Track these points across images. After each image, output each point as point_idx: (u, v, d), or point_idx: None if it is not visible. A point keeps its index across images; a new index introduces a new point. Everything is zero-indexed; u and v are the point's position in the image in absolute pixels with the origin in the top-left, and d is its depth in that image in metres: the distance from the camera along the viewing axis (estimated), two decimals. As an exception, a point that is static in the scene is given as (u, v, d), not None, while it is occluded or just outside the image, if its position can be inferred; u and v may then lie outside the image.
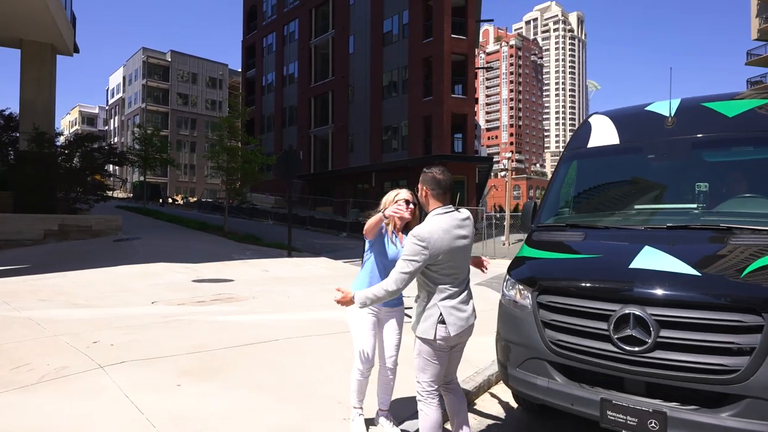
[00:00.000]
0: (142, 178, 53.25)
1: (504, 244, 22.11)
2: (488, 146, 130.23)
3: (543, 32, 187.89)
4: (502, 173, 32.69)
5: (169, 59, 68.05)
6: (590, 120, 4.99)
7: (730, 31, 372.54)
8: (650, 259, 3.12)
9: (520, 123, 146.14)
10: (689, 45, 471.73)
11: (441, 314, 2.69)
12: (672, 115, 4.46)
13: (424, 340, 2.74)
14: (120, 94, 74.34)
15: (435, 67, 29.62)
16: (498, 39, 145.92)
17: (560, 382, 3.16)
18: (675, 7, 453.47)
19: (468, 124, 30.64)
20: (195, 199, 50.00)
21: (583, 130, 4.88)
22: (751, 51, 52.73)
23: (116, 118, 75.66)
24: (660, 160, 4.24)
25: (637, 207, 4.09)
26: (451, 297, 2.75)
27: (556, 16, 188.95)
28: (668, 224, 3.61)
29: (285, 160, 14.23)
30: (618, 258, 3.28)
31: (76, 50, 18.26)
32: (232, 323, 5.82)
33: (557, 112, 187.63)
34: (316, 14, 39.30)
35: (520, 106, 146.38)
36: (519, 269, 3.70)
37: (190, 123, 68.43)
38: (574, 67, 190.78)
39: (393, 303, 3.30)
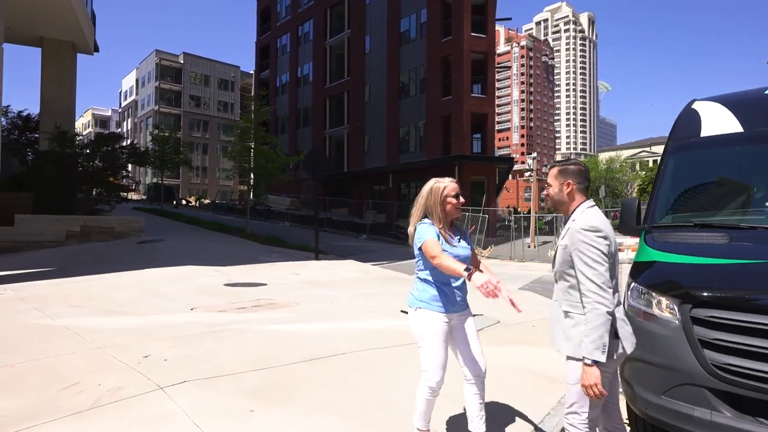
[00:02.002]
0: (155, 180, 53.29)
1: (529, 246, 21.49)
2: (499, 147, 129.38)
3: (554, 33, 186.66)
4: (528, 174, 32.00)
5: (182, 61, 68.11)
6: (694, 107, 4.41)
7: (751, 31, 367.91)
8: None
9: (531, 124, 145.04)
10: (698, 45, 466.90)
11: (615, 327, 2.21)
12: (804, 100, 3.90)
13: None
14: (133, 97, 74.56)
15: (454, 66, 29.06)
16: (509, 40, 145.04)
17: (728, 415, 2.60)
18: (684, 8, 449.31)
19: (488, 123, 30.05)
20: (208, 200, 49.82)
21: (688, 119, 4.31)
22: (773, 49, 51.61)
23: (129, 120, 75.89)
24: (801, 150, 3.66)
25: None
26: (618, 306, 2.27)
27: (567, 16, 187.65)
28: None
29: (312, 159, 13.75)
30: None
31: (96, 49, 17.96)
32: (286, 333, 5.31)
33: (568, 113, 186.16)
34: (331, 14, 38.92)
35: (531, 107, 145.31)
36: (650, 275, 3.14)
37: (202, 125, 68.41)
38: (585, 68, 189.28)
39: (464, 305, 2.87)
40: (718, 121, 4.10)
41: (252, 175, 17.55)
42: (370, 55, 35.18)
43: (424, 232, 2.77)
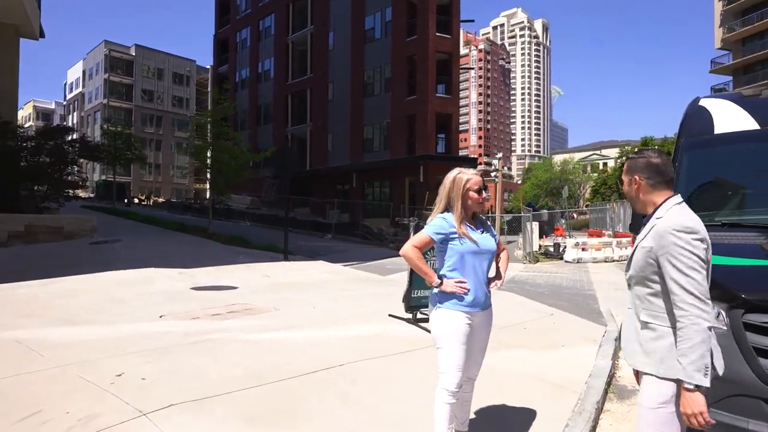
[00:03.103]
0: (104, 177, 50.44)
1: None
2: (459, 148, 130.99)
3: (510, 38, 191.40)
4: (494, 174, 32.44)
5: (134, 53, 64.96)
6: (703, 104, 4.33)
7: (692, 40, 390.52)
8: None
9: (489, 126, 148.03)
10: (649, 54, 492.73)
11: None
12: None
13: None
14: (79, 89, 70.43)
15: (419, 66, 28.98)
16: (467, 43, 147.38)
17: (786, 427, 2.43)
18: (635, 17, 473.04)
19: (452, 124, 30.19)
20: (163, 199, 47.72)
21: (699, 116, 4.21)
22: (715, 59, 54.87)
23: (75, 114, 71.58)
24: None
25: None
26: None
27: (522, 22, 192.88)
28: None
29: (280, 156, 13.20)
30: None
31: (42, 34, 16.58)
32: (273, 343, 4.86)
33: (523, 116, 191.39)
34: (293, 9, 38.04)
35: (489, 109, 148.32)
36: None
37: (155, 120, 65.48)
38: (539, 73, 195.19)
39: (488, 303, 2.74)
40: (731, 118, 4.01)
41: (209, 173, 16.67)
42: (333, 53, 34.62)
43: (432, 224, 2.70)
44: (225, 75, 44.84)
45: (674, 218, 1.96)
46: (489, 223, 2.99)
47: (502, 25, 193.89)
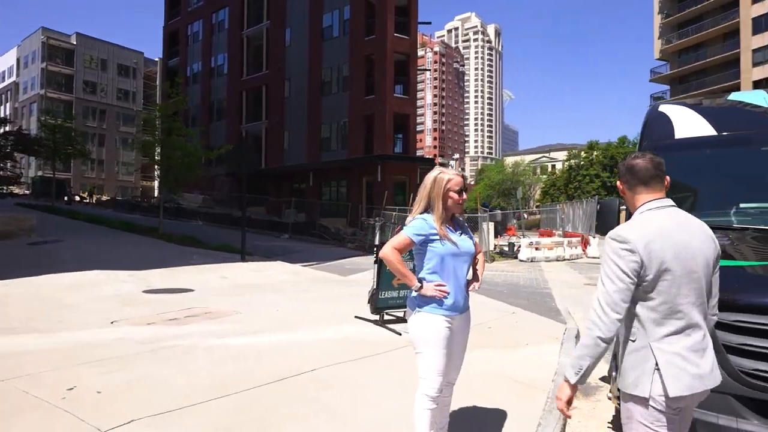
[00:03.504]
0: (41, 173, 47.28)
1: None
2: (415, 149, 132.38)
3: (464, 41, 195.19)
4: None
5: (74, 42, 61.30)
6: (663, 110, 4.52)
7: (636, 49, 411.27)
8: None
9: (443, 128, 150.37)
10: (596, 61, 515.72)
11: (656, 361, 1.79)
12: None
13: (634, 399, 1.84)
14: (12, 78, 65.71)
15: (377, 65, 28.97)
16: (423, 45, 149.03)
17: (755, 422, 2.53)
18: (583, 25, 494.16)
19: (410, 124, 30.36)
20: (107, 197, 45.33)
21: (660, 121, 4.39)
22: (654, 69, 58.13)
23: (8, 104, 66.70)
24: (779, 152, 3.82)
25: (759, 204, 3.63)
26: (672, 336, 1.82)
27: (476, 26, 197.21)
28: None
29: (238, 154, 12.79)
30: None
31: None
32: (238, 349, 4.65)
33: (476, 119, 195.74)
34: (248, 3, 37.07)
35: (444, 111, 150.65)
36: None
37: (98, 114, 62.08)
38: (491, 77, 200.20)
39: (467, 306, 2.73)
40: (690, 124, 4.19)
41: (159, 170, 15.92)
42: (290, 49, 34.02)
43: (412, 225, 2.63)
44: (175, 68, 43.10)
45: (622, 225, 1.92)
46: (467, 225, 2.95)
47: (456, 29, 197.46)
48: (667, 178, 2.02)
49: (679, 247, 1.81)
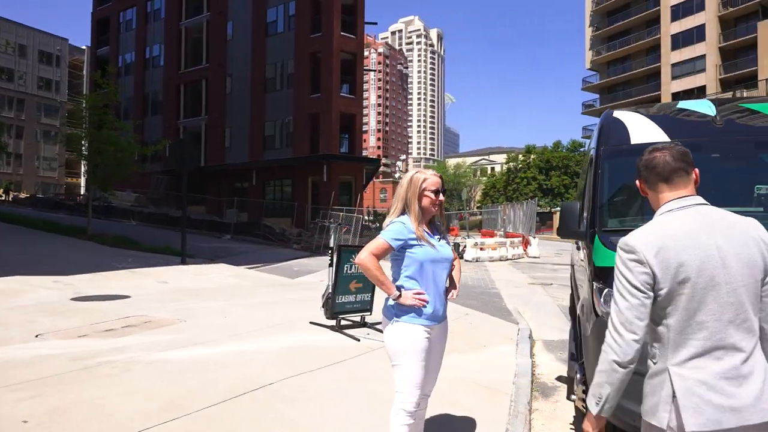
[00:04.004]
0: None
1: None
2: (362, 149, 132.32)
3: (407, 44, 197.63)
4: (397, 176, 32.93)
5: (-12, 24, 55.95)
6: (617, 116, 4.64)
7: (571, 58, 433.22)
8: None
9: (387, 128, 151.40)
10: (535, 68, 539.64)
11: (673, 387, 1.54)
12: (715, 114, 4.29)
13: (652, 428, 1.61)
14: None
15: (324, 64, 28.55)
16: (367, 45, 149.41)
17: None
18: (521, 33, 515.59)
19: (356, 124, 30.17)
20: (26, 194, 41.72)
21: (616, 126, 4.50)
22: (586, 78, 61.53)
23: None
24: (726, 160, 3.99)
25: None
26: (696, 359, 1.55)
27: (419, 30, 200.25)
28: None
29: (179, 150, 12.07)
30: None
31: None
32: (186, 363, 4.27)
33: (419, 121, 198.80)
34: (187, -7, 35.39)
35: (387, 112, 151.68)
36: None
37: (15, 103, 56.98)
38: (434, 80, 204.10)
39: (444, 314, 2.62)
40: (644, 130, 4.31)
41: (85, 165, 14.72)
42: (232, 43, 32.80)
43: (390, 229, 2.48)
44: (105, 58, 40.30)
45: (634, 231, 1.68)
46: (444, 230, 2.83)
47: (400, 31, 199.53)
48: (696, 171, 1.74)
49: (702, 252, 1.55)
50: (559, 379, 5.21)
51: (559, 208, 8.18)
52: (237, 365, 4.23)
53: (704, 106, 4.45)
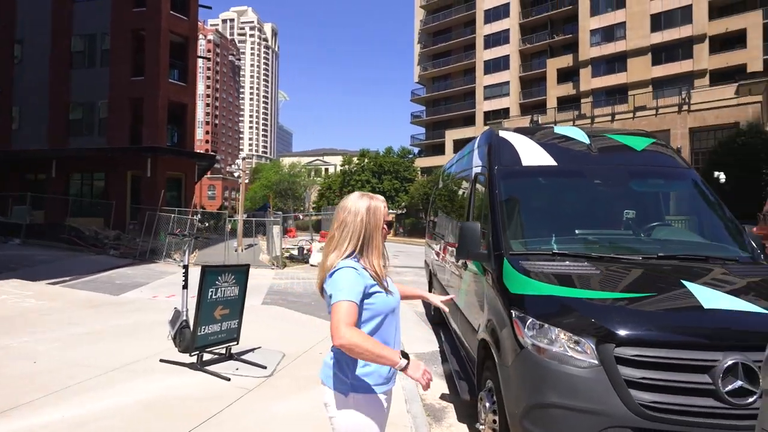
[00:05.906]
0: None
1: (236, 251, 20.46)
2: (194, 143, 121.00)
3: (240, 35, 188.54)
4: (237, 174, 30.76)
5: None
6: (504, 137, 4.77)
7: (404, 69, 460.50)
8: (709, 297, 2.95)
9: (217, 122, 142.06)
10: (369, 74, 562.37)
11: None
12: (589, 143, 4.64)
13: None
14: None
15: (149, 44, 25.20)
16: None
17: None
18: (355, 37, 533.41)
19: (188, 115, 27.33)
20: None
21: (505, 147, 4.61)
22: (414, 91, 66.39)
23: None
24: (606, 186, 4.30)
25: (597, 233, 4.02)
26: None
27: (253, 22, 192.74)
28: (659, 254, 3.60)
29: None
30: (680, 298, 3.00)
31: None
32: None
33: (251, 117, 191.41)
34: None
35: (218, 104, 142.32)
36: (549, 309, 3.00)
37: None
38: (267, 76, 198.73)
39: (393, 374, 2.07)
40: (533, 154, 4.46)
41: None
42: (24, 2, 26.83)
43: (345, 283, 1.87)
44: None
45: None
46: None
47: (232, 20, 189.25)
48: None
49: None
50: (443, 398, 5.10)
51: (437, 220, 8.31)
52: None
53: (578, 134, 4.79)
